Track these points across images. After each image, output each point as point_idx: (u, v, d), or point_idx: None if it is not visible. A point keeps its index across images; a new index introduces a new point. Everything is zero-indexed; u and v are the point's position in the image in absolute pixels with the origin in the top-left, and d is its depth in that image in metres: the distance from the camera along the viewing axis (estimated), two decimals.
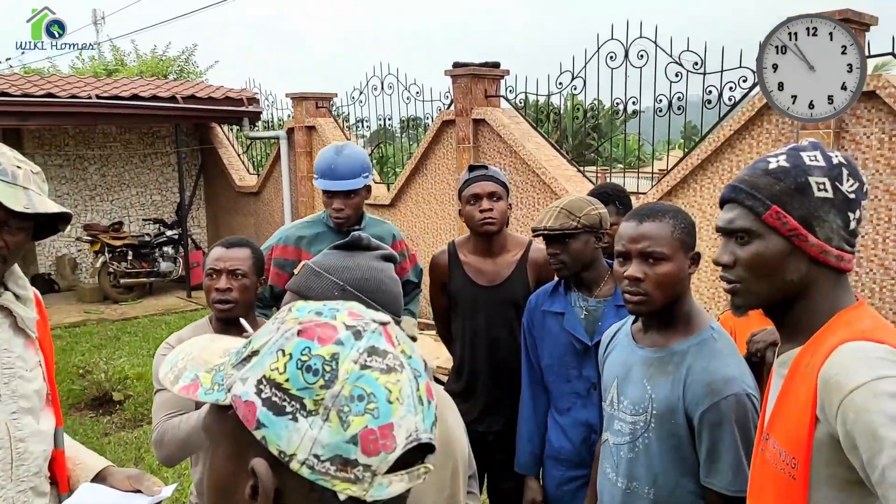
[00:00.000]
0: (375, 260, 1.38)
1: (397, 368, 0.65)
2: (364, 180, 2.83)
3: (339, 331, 0.65)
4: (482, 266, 2.72)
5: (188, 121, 10.76)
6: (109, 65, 15.02)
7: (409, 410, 0.64)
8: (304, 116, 9.33)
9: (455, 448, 1.43)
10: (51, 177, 10.90)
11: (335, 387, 0.63)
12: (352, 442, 0.62)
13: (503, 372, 2.68)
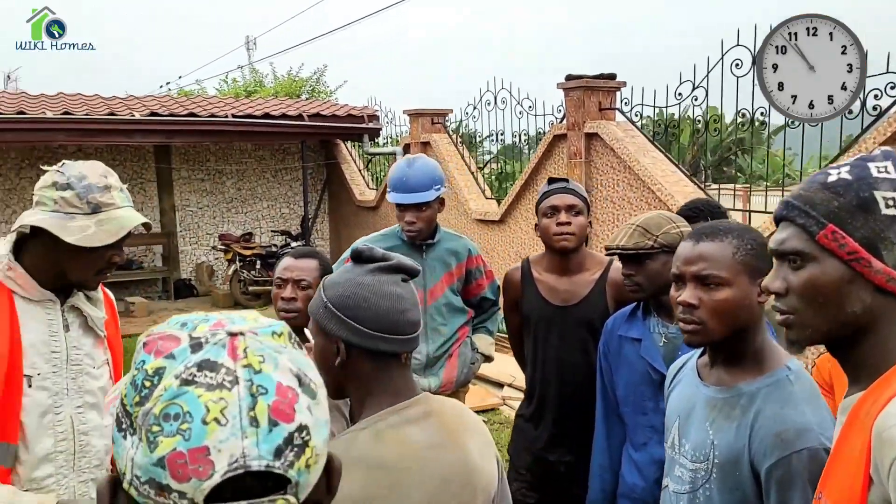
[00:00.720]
0: (367, 274, 1.31)
1: (226, 385, 0.57)
2: (436, 192, 2.78)
3: (181, 343, 0.60)
4: (557, 284, 2.58)
5: (313, 137, 11.24)
6: (249, 86, 16.05)
7: (234, 433, 0.56)
8: (420, 132, 9.46)
9: (474, 478, 1.33)
10: (193, 189, 11.74)
11: (148, 404, 0.57)
12: (159, 465, 0.56)
13: (575, 398, 2.52)
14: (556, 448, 2.56)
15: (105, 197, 1.71)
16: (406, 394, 1.33)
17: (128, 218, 1.73)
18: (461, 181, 8.82)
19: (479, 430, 1.44)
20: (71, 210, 1.67)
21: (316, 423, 0.61)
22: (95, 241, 1.66)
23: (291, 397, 0.60)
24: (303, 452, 0.59)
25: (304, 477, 0.60)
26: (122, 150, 11.22)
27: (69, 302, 1.80)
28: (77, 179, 1.69)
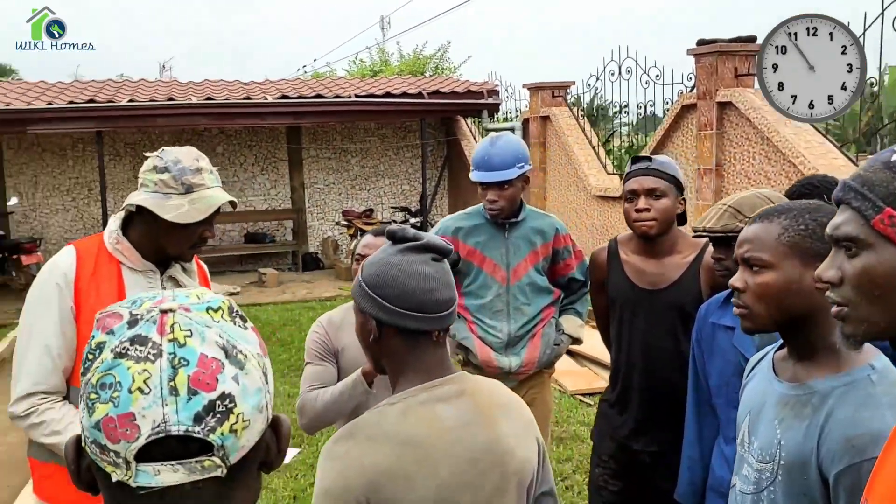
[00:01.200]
0: (398, 254, 1.32)
1: (150, 358, 0.63)
2: (518, 171, 2.71)
3: (122, 319, 0.66)
4: (644, 267, 2.45)
5: (433, 115, 11.36)
6: (375, 66, 16.42)
7: (156, 401, 0.62)
8: (540, 106, 9.30)
9: (506, 460, 1.31)
10: (321, 168, 12.25)
11: (88, 374, 0.64)
12: (97, 428, 0.63)
13: (661, 386, 2.39)
14: (640, 437, 2.45)
15: (197, 178, 1.87)
16: (439, 372, 1.33)
17: (216, 197, 1.89)
18: (581, 156, 8.61)
19: (517, 412, 1.41)
20: (168, 190, 1.85)
21: (243, 392, 0.65)
22: (188, 218, 1.83)
23: (215, 368, 0.64)
24: (226, 419, 0.64)
25: (231, 441, 0.65)
26: (257, 132, 11.87)
27: (167, 273, 1.98)
28: (173, 163, 1.87)
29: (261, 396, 0.68)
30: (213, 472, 0.65)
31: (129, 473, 0.63)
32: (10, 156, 11.03)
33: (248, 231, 12.09)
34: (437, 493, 1.24)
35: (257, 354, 0.70)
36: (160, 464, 0.63)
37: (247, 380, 0.67)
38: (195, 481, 0.64)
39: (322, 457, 1.28)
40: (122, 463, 0.63)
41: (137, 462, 0.62)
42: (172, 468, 0.63)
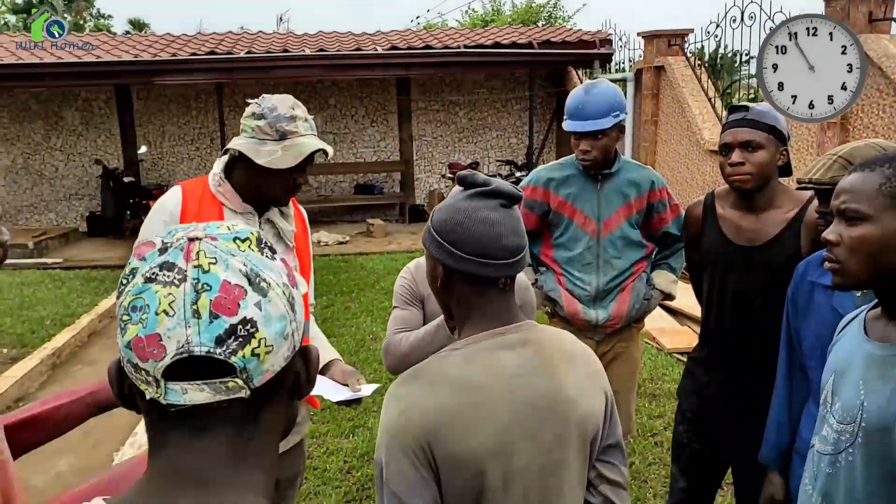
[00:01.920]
0: (466, 199, 1.31)
1: (175, 283, 0.67)
2: (613, 119, 2.62)
3: (154, 247, 0.70)
4: (741, 222, 2.33)
5: (543, 66, 11.11)
6: (487, 16, 16.18)
7: (179, 323, 0.66)
8: (654, 56, 8.90)
9: (567, 410, 1.30)
10: (429, 120, 12.34)
11: (121, 298, 0.69)
12: (129, 348, 0.67)
13: (751, 346, 2.30)
14: (727, 396, 2.37)
15: (291, 126, 1.92)
16: (505, 319, 1.32)
17: (308, 144, 1.92)
18: (695, 108, 8.19)
19: (584, 363, 1.39)
20: (263, 136, 1.92)
21: (266, 318, 0.69)
22: (280, 164, 1.90)
23: (237, 294, 0.67)
24: (248, 342, 0.67)
25: (254, 364, 0.68)
26: (368, 84, 12.07)
27: (265, 216, 2.06)
28: (269, 110, 1.92)
29: (285, 324, 0.71)
30: (237, 394, 0.68)
31: (159, 391, 0.67)
32: (139, 106, 11.80)
33: (358, 182, 12.42)
34: (497, 438, 1.24)
35: (283, 284, 0.73)
36: (187, 383, 0.67)
37: (269, 307, 0.69)
38: (221, 401, 0.68)
39: (386, 398, 1.31)
40: (152, 381, 0.67)
41: (166, 380, 0.66)
42: (199, 388, 0.67)
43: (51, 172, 11.79)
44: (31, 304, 7.12)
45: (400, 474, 1.23)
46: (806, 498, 1.52)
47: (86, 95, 11.66)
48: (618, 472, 1.42)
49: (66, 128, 11.70)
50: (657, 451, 3.75)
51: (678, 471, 2.55)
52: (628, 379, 2.89)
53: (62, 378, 5.30)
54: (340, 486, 3.46)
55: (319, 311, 6.58)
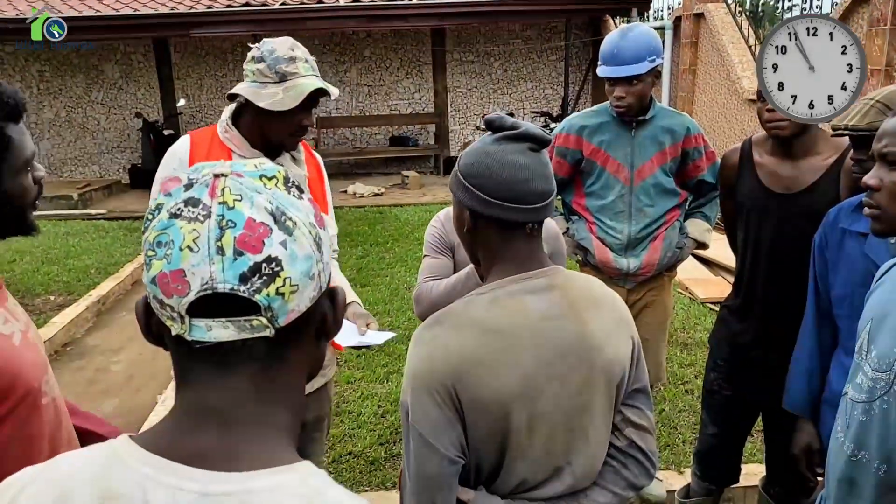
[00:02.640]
0: (494, 143, 1.29)
1: (200, 219, 0.65)
2: (649, 64, 2.56)
3: (179, 182, 0.69)
4: (779, 170, 2.29)
5: (580, 14, 10.86)
6: None
7: (203, 259, 0.64)
8: (693, 3, 8.63)
9: (593, 355, 1.30)
10: (464, 71, 12.19)
11: (146, 233, 0.68)
12: (154, 283, 0.66)
13: (785, 295, 2.28)
14: (759, 345, 2.37)
15: (291, 67, 1.89)
16: (531, 265, 1.31)
17: (307, 84, 1.89)
18: (735, 56, 7.97)
19: (610, 308, 1.37)
20: (264, 79, 1.90)
21: (291, 257, 0.68)
22: (281, 106, 1.88)
23: (262, 232, 0.66)
24: (272, 281, 0.66)
25: (278, 303, 0.67)
26: (402, 35, 11.94)
27: (275, 161, 2.00)
28: (268, 53, 1.90)
29: (311, 264, 0.70)
30: (261, 332, 0.67)
31: (184, 327, 0.67)
32: (177, 59, 11.87)
33: (393, 135, 12.40)
34: (522, 382, 1.24)
35: (310, 224, 0.71)
36: (212, 320, 0.66)
37: (295, 246, 0.68)
38: (246, 339, 0.68)
39: (412, 342, 1.31)
40: (177, 317, 0.66)
41: (191, 317, 0.66)
42: (223, 325, 0.66)
43: (93, 126, 12.00)
44: (76, 254, 7.35)
45: (425, 416, 1.24)
46: (837, 446, 1.51)
47: (125, 49, 11.77)
48: (643, 417, 1.41)
49: (107, 81, 11.85)
50: (688, 399, 3.78)
51: (708, 417, 2.57)
52: (659, 327, 2.90)
53: (108, 323, 5.51)
54: (374, 429, 3.57)
55: (354, 260, 6.68)
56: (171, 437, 0.68)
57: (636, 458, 1.40)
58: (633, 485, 1.41)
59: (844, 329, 1.99)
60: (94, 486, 0.66)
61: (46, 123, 11.90)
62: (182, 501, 0.64)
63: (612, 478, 1.39)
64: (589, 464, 1.35)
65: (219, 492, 0.64)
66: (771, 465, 2.54)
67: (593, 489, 1.37)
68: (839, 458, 1.49)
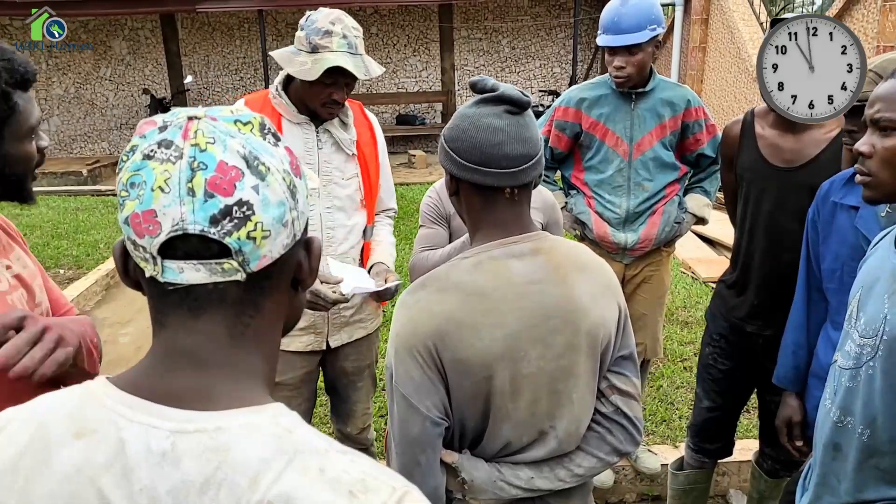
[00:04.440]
0: (472, 106, 1.28)
1: (171, 160, 0.66)
2: (650, 33, 2.52)
3: (154, 125, 0.69)
4: (780, 143, 2.27)
5: None
6: None
7: (174, 200, 0.65)
8: None
9: (577, 318, 1.30)
10: (472, 49, 12.11)
11: (121, 174, 0.68)
12: (126, 224, 0.67)
13: (782, 270, 2.27)
14: (755, 319, 2.38)
15: (324, 40, 1.93)
16: (516, 230, 1.31)
17: (330, 60, 1.92)
18: (746, 34, 7.88)
19: (596, 273, 1.37)
20: (300, 47, 1.97)
21: (263, 202, 0.68)
22: (305, 76, 1.94)
23: (234, 175, 0.66)
24: (243, 225, 0.66)
25: (249, 247, 0.68)
26: (410, 11, 11.87)
27: (324, 125, 2.13)
28: (309, 23, 1.97)
29: (284, 210, 0.70)
30: (233, 276, 0.68)
31: (156, 268, 0.67)
32: (184, 35, 11.85)
33: (400, 113, 12.36)
34: (505, 343, 1.25)
35: (284, 171, 0.71)
36: (183, 262, 0.66)
37: (268, 191, 0.68)
38: (217, 283, 0.68)
39: (397, 306, 1.32)
40: (149, 258, 0.67)
41: (163, 258, 0.67)
42: (194, 267, 0.67)
43: (101, 102, 12.04)
44: (85, 229, 7.41)
45: (408, 377, 1.25)
46: (825, 413, 1.53)
47: (132, 24, 11.75)
48: (629, 383, 1.41)
49: (115, 57, 11.86)
50: (686, 376, 3.80)
51: (703, 391, 2.59)
52: (656, 302, 2.91)
53: (117, 296, 5.57)
54: (375, 401, 3.62)
55: None
56: (146, 378, 0.70)
57: (621, 424, 1.41)
58: (618, 450, 1.42)
59: (833, 303, 2.00)
60: (69, 422, 0.67)
61: (56, 99, 11.94)
62: (155, 438, 0.65)
63: (597, 443, 1.40)
64: (573, 428, 1.35)
65: (191, 429, 0.65)
66: (764, 439, 2.56)
67: (578, 454, 1.39)
68: (826, 424, 1.51)
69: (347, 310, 2.26)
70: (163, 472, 0.64)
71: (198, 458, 0.64)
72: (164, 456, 0.64)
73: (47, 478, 0.65)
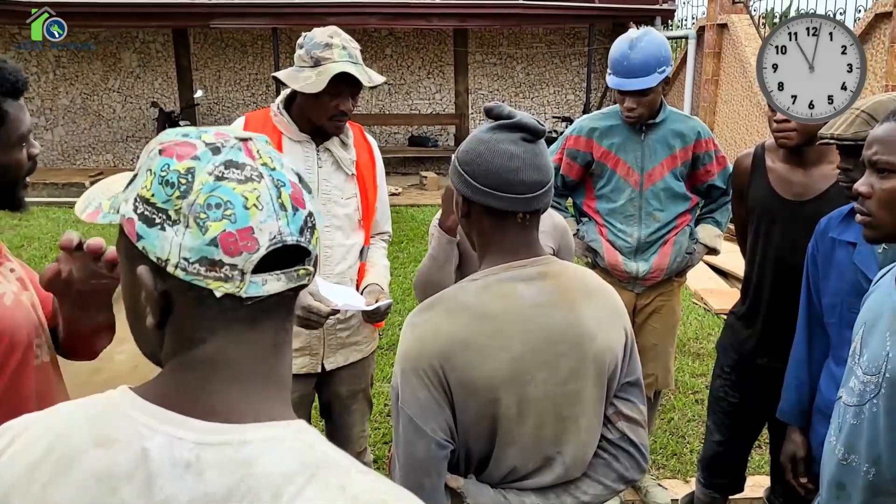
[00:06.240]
0: (488, 131, 1.30)
1: (255, 178, 0.69)
2: (659, 76, 2.55)
3: (198, 148, 0.70)
4: (790, 176, 2.27)
5: (603, 20, 10.83)
6: None
7: (270, 216, 0.69)
8: (717, 13, 8.56)
9: (583, 343, 1.30)
10: (486, 74, 12.18)
11: (190, 196, 0.68)
12: (212, 244, 0.67)
13: (791, 303, 2.25)
14: (765, 352, 2.35)
15: (325, 53, 1.98)
16: (525, 254, 1.32)
17: (334, 68, 1.96)
18: None
19: (604, 299, 1.37)
20: (302, 64, 2.01)
21: (316, 212, 0.75)
22: (312, 88, 1.96)
23: (300, 189, 0.73)
24: (314, 232, 0.73)
25: (315, 251, 0.74)
26: (424, 34, 11.95)
27: (324, 144, 2.15)
28: (308, 39, 2.02)
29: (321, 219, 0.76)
30: (304, 280, 0.73)
31: (241, 285, 0.68)
32: (196, 50, 11.94)
33: (413, 134, 12.39)
34: (511, 366, 1.25)
35: None
36: (267, 274, 0.69)
37: (314, 203, 0.75)
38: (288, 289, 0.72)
39: (404, 325, 1.34)
40: (236, 275, 0.68)
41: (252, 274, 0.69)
42: (276, 277, 0.70)
43: (108, 114, 12.09)
44: None
45: (414, 397, 1.25)
46: (830, 450, 1.52)
47: (143, 37, 11.85)
48: (636, 410, 1.41)
49: (124, 69, 11.94)
50: (697, 409, 3.73)
51: (713, 425, 2.56)
52: (667, 333, 2.87)
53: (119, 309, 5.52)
54: (380, 427, 3.56)
55: None
56: (178, 390, 0.70)
57: (628, 452, 1.40)
58: (624, 478, 1.41)
59: (834, 337, 2.00)
60: (91, 431, 0.68)
61: (61, 110, 11.99)
62: (179, 449, 0.65)
63: (604, 470, 1.39)
64: (580, 454, 1.35)
65: (215, 441, 0.66)
66: (774, 475, 2.50)
67: (584, 481, 1.37)
68: (831, 462, 1.51)
69: (344, 331, 2.24)
70: (185, 484, 0.64)
71: (221, 471, 0.65)
72: (188, 467, 0.65)
73: (67, 486, 0.65)
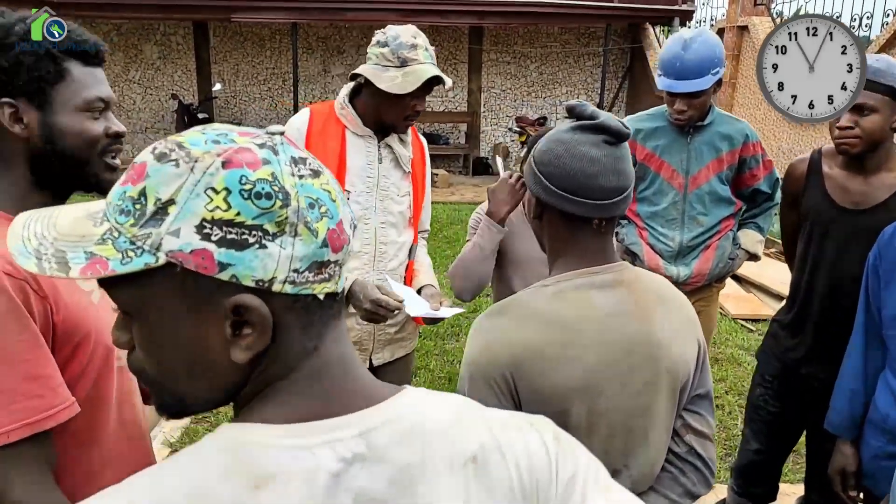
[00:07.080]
0: (569, 132, 1.25)
1: (321, 170, 0.67)
2: (713, 78, 2.50)
3: (257, 151, 0.63)
4: (848, 184, 2.23)
5: (620, 20, 10.78)
6: None
7: (343, 205, 0.68)
8: (738, 15, 8.53)
9: (657, 354, 1.26)
10: (499, 72, 12.16)
11: (292, 202, 0.62)
12: (324, 245, 0.64)
13: (842, 315, 2.22)
14: (810, 363, 2.33)
15: (412, 53, 2.00)
16: (599, 260, 1.27)
17: (426, 70, 1.99)
18: None
19: (678, 309, 1.33)
20: (386, 63, 2.01)
21: None
22: (400, 89, 1.98)
23: None
24: None
25: None
26: (440, 31, 11.93)
27: (385, 140, 2.16)
28: (392, 38, 2.01)
29: None
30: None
31: (338, 280, 0.66)
32: (215, 43, 11.94)
33: (424, 131, 12.38)
34: (584, 377, 1.21)
35: None
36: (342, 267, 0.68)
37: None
38: None
39: (472, 330, 1.28)
40: (336, 271, 0.66)
41: None
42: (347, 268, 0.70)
43: (129, 105, 12.11)
44: None
45: None
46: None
47: (164, 30, 11.86)
48: (705, 423, 1.37)
49: (145, 61, 11.95)
50: (718, 414, 3.74)
51: (751, 433, 2.53)
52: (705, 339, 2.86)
53: None
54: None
55: None
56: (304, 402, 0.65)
57: (695, 466, 1.36)
58: (691, 492, 1.36)
59: (893, 350, 1.95)
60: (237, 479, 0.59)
61: None
62: (344, 448, 0.63)
63: (670, 484, 1.35)
64: (647, 468, 1.31)
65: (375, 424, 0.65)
66: (809, 485, 2.50)
67: (650, 494, 1.34)
68: None
69: (392, 327, 2.25)
70: (372, 473, 0.63)
71: (399, 444, 0.65)
72: (365, 459, 0.63)
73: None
